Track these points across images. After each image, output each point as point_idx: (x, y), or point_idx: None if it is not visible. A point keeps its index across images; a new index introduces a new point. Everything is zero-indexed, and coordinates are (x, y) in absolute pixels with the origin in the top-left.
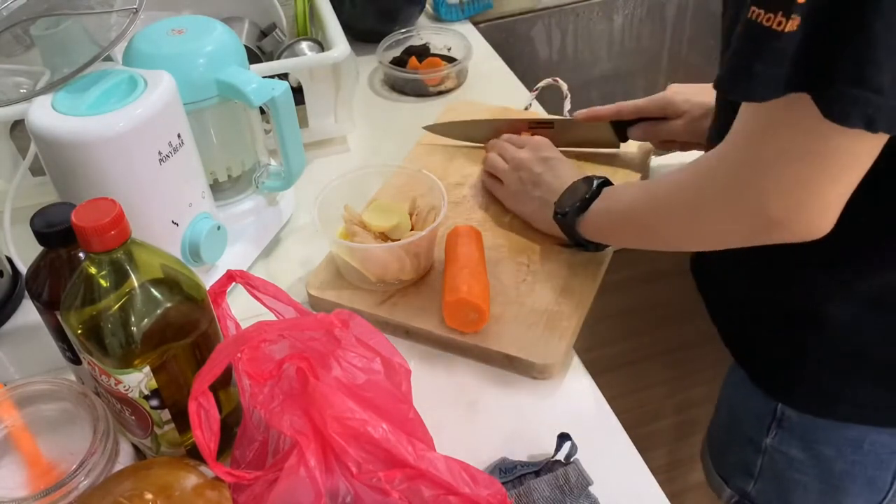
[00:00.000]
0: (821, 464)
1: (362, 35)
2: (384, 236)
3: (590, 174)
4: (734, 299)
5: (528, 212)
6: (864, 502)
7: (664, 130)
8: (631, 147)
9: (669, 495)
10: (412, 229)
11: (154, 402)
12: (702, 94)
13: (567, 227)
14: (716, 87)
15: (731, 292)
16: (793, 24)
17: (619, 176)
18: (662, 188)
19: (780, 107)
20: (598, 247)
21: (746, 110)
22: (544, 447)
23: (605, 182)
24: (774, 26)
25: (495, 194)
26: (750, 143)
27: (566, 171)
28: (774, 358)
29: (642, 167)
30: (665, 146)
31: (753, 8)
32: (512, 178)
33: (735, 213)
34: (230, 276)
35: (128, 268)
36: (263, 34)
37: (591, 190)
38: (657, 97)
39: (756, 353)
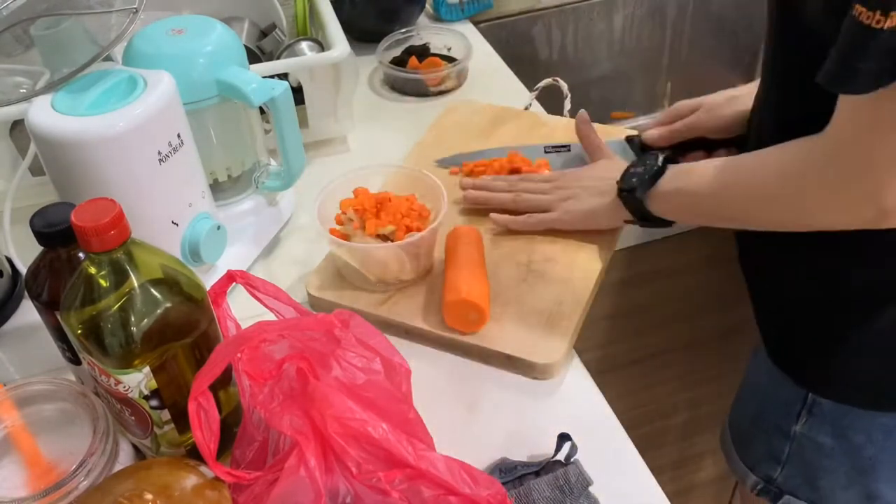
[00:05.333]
0: (850, 450)
1: (362, 35)
2: (383, 237)
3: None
4: (782, 287)
5: (585, 209)
6: (893, 486)
7: (683, 127)
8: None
9: (675, 493)
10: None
11: (154, 402)
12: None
13: (635, 204)
14: (821, 80)
15: (781, 280)
16: (892, 22)
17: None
18: (761, 172)
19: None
20: (666, 223)
21: (853, 105)
22: (544, 447)
23: (671, 157)
24: (874, 24)
25: (539, 223)
26: (863, 139)
27: (607, 164)
28: (814, 348)
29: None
30: (689, 156)
31: (857, 6)
32: (557, 196)
33: (846, 203)
34: (230, 276)
35: (127, 268)
36: (263, 34)
37: (657, 164)
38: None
39: (794, 343)
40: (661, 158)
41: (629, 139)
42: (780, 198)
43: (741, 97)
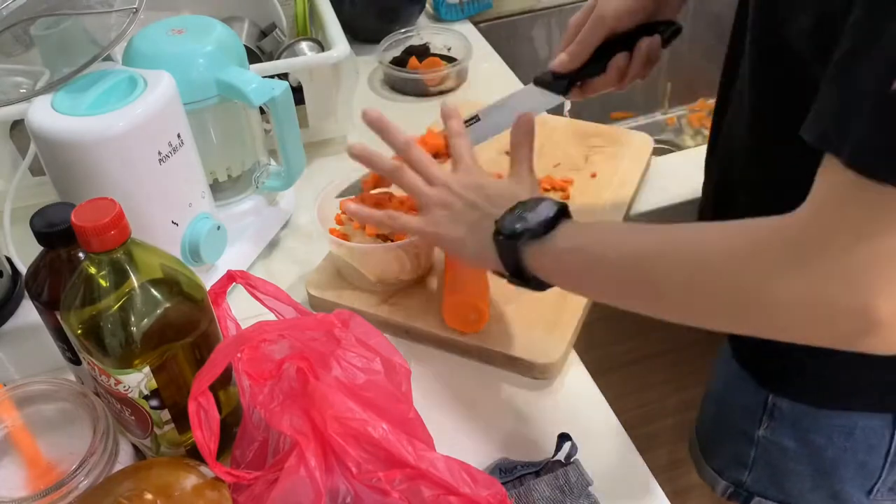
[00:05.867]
0: (812, 452)
1: (362, 35)
2: (383, 236)
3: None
4: None
5: (450, 235)
6: (857, 486)
7: (588, 30)
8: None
9: (670, 495)
10: None
11: (154, 402)
12: None
13: (508, 253)
14: (860, 167)
15: None
16: None
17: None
18: (695, 244)
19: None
20: (541, 285)
21: (852, 192)
22: (544, 447)
23: (565, 207)
24: None
25: (399, 228)
26: (863, 232)
27: (515, 187)
28: (775, 349)
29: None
30: (612, 64)
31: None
32: (436, 195)
33: (826, 308)
34: (230, 277)
35: (127, 268)
36: (263, 34)
37: (551, 214)
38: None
39: (756, 343)
40: (557, 206)
41: (537, 80)
42: (731, 290)
43: None
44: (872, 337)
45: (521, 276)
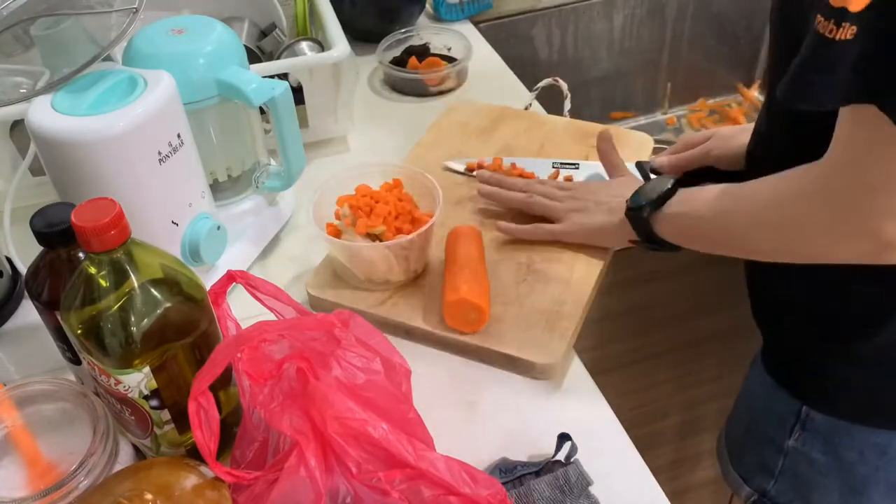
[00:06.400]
0: (843, 467)
1: (362, 35)
2: (373, 236)
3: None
4: (785, 304)
5: (593, 225)
6: None
7: (695, 154)
8: None
9: (673, 494)
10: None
11: (154, 402)
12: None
13: (640, 224)
14: (778, 94)
15: (782, 290)
16: (847, 33)
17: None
18: (758, 199)
19: (869, 123)
20: (674, 248)
21: (847, 127)
22: (544, 447)
23: (680, 180)
24: (827, 34)
25: (546, 234)
26: (853, 165)
27: (624, 182)
28: (810, 360)
29: None
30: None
31: (818, 15)
32: (568, 206)
33: (846, 234)
34: (230, 277)
35: (127, 268)
36: (263, 34)
37: (668, 185)
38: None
39: (790, 354)
40: (672, 180)
41: (640, 164)
42: (777, 227)
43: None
44: (885, 254)
45: (654, 242)
